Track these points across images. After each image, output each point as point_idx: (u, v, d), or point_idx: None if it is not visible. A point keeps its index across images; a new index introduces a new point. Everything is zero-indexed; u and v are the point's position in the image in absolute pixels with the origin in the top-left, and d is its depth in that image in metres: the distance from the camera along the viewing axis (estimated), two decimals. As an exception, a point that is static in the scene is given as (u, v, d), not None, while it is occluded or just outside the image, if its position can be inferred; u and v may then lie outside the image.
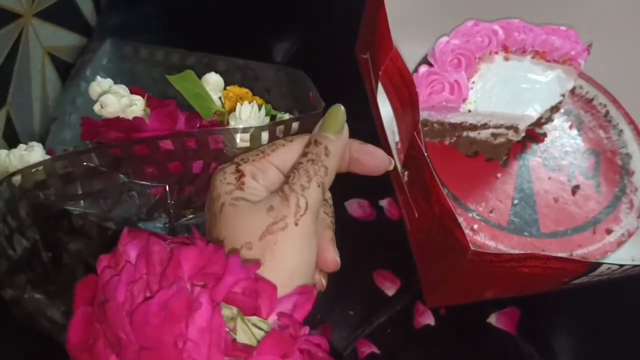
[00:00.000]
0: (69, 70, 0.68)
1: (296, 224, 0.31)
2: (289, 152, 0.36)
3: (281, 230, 0.31)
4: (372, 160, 0.39)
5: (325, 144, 0.35)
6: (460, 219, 0.59)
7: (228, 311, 0.28)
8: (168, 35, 0.76)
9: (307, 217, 0.32)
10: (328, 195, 0.39)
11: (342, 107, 0.37)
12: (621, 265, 0.44)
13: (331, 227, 0.37)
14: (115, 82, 0.47)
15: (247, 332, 0.28)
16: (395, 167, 0.55)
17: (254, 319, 0.28)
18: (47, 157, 0.41)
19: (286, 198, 0.32)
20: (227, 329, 0.27)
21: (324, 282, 0.37)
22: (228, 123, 0.43)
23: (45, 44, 0.67)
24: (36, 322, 0.47)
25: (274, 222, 0.31)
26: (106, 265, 0.29)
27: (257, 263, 0.30)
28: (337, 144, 0.36)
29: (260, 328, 0.28)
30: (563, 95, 0.61)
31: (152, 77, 0.61)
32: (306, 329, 0.29)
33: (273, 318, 0.29)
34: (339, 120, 0.36)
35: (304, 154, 0.35)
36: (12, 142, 0.59)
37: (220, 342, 0.26)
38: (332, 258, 0.36)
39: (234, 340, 0.27)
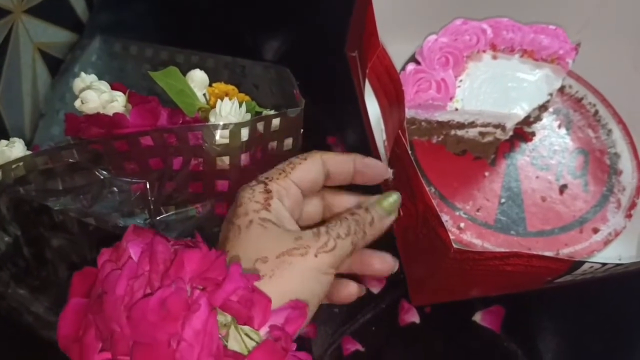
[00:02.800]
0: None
1: (315, 256, 0.33)
2: (305, 171, 0.39)
3: (300, 255, 0.33)
4: (373, 171, 0.42)
5: (373, 215, 0.38)
6: (447, 217, 0.59)
7: (222, 318, 0.28)
8: (159, 32, 0.76)
9: (328, 256, 0.34)
10: None
11: (401, 197, 0.41)
12: (604, 264, 0.44)
13: None
14: (104, 79, 0.47)
15: (239, 340, 0.28)
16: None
17: (246, 328, 0.29)
18: (28, 152, 0.42)
19: (318, 235, 0.34)
20: (219, 335, 0.28)
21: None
22: (208, 119, 0.43)
23: (35, 40, 0.67)
24: (21, 317, 0.47)
25: (296, 247, 0.33)
26: (107, 259, 0.30)
27: (256, 275, 0.31)
28: (383, 220, 0.39)
29: (251, 338, 0.29)
30: (551, 95, 0.61)
31: (141, 74, 0.62)
32: (293, 346, 0.30)
33: (264, 331, 0.30)
34: (395, 206, 0.41)
35: (352, 213, 0.38)
36: (1, 137, 0.60)
37: (212, 346, 0.27)
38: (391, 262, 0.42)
39: (225, 346, 0.28)
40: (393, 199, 0.41)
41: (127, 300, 0.27)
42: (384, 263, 0.42)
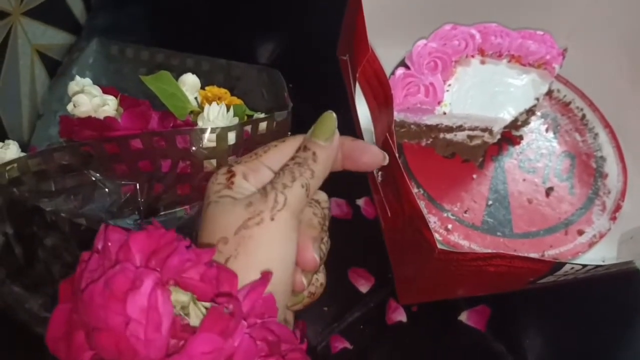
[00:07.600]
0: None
1: (272, 219, 0.32)
2: (279, 153, 0.37)
3: (256, 225, 0.31)
4: (365, 156, 0.39)
5: (313, 150, 0.35)
6: (435, 219, 0.61)
7: (185, 297, 0.28)
8: (156, 35, 0.77)
9: (284, 213, 0.32)
10: (323, 197, 0.39)
11: (334, 114, 0.37)
12: (584, 266, 0.45)
13: (317, 227, 0.36)
14: (101, 81, 0.48)
15: (200, 316, 0.28)
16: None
17: (207, 304, 0.29)
18: (23, 154, 0.43)
19: (266, 194, 0.33)
20: (181, 314, 0.28)
21: (305, 281, 0.36)
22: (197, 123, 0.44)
23: (34, 42, 0.68)
24: (16, 314, 0.48)
25: (251, 217, 0.32)
26: (84, 259, 0.30)
27: (210, 249, 0.30)
28: (326, 150, 0.36)
29: None
30: (537, 99, 0.62)
31: (137, 76, 0.62)
32: (273, 319, 0.30)
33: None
34: (329, 127, 0.36)
35: (292, 158, 0.36)
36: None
37: (160, 322, 0.26)
38: (311, 256, 0.35)
39: (187, 324, 0.28)
40: (325, 121, 0.36)
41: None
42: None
